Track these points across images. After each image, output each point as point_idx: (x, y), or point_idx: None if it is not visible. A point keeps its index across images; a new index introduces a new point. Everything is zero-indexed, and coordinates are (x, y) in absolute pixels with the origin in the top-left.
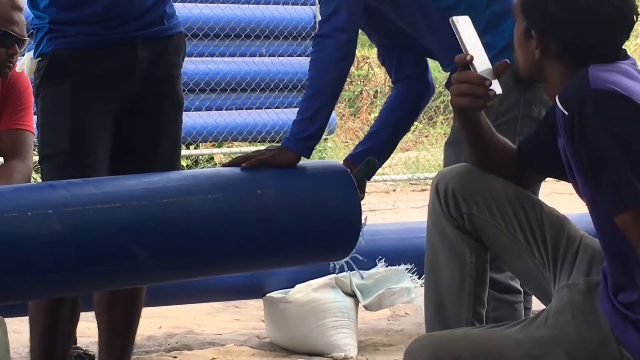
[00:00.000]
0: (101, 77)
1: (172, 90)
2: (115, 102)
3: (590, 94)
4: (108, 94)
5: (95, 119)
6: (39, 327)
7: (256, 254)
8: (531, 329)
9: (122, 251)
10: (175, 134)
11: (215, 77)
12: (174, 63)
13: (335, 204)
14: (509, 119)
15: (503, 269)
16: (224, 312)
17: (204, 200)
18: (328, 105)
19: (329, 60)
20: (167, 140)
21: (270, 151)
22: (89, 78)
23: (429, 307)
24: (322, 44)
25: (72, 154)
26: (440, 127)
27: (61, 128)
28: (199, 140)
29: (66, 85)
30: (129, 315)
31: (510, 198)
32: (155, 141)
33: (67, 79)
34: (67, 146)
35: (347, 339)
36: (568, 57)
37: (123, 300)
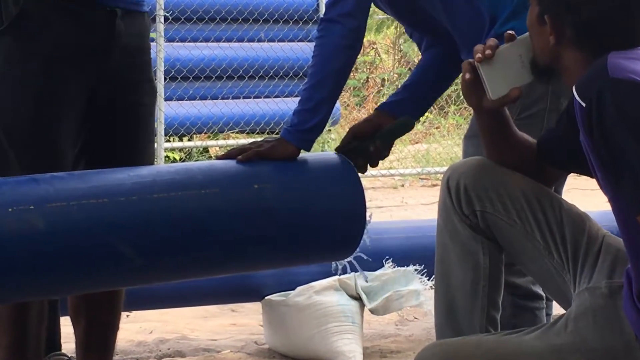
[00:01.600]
0: (73, 56)
1: (147, 76)
2: (86, 86)
3: (609, 84)
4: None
5: (65, 103)
6: (7, 337)
7: (254, 253)
8: (550, 336)
9: (110, 250)
10: (151, 122)
11: (210, 64)
12: (146, 47)
13: (337, 200)
14: (534, 112)
15: (524, 272)
16: (219, 316)
17: (197, 195)
18: (331, 97)
19: (334, 47)
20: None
21: (269, 143)
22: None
23: (439, 312)
24: (327, 29)
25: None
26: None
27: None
28: (192, 132)
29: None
30: (107, 320)
31: (527, 194)
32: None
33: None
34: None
35: (351, 345)
36: (584, 43)
37: (100, 305)
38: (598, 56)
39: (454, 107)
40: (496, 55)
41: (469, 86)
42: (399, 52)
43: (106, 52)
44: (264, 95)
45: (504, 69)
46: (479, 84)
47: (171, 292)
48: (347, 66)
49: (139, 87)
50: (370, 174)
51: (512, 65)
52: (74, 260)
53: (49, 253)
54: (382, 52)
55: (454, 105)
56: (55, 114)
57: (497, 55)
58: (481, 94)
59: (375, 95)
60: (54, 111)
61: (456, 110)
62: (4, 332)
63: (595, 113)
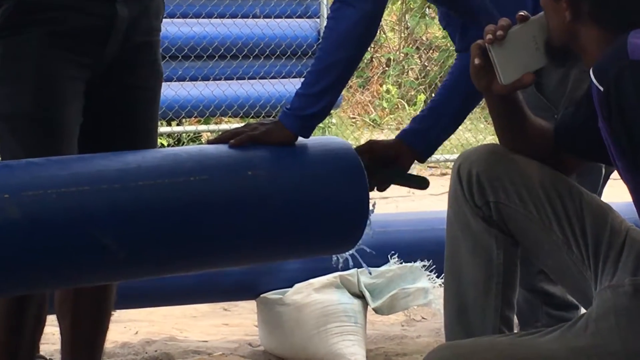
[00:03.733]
0: (74, 35)
1: (153, 58)
2: (89, 68)
3: (628, 66)
4: (81, 57)
5: (66, 82)
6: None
7: (247, 246)
8: (568, 338)
9: (91, 242)
10: (155, 109)
11: (201, 42)
12: (154, 27)
13: (338, 188)
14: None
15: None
16: (210, 315)
17: (186, 183)
18: (340, 82)
19: (347, 33)
20: (145, 117)
21: (264, 126)
22: (60, 32)
23: (449, 311)
24: (341, 11)
25: (35, 119)
26: None
27: (23, 84)
28: (182, 115)
29: (33, 36)
30: (96, 318)
31: (545, 184)
32: (132, 118)
33: (35, 30)
34: (28, 107)
35: (353, 347)
36: (602, 18)
37: (89, 301)
38: (618, 33)
39: None
40: (508, 37)
41: (478, 70)
42: (405, 30)
43: (105, 34)
44: (259, 76)
45: (516, 52)
46: (489, 67)
47: (158, 288)
48: (360, 54)
49: (142, 70)
50: None
51: (526, 48)
52: (52, 253)
53: (25, 245)
54: (387, 29)
55: None
56: (54, 95)
57: (509, 36)
58: (491, 78)
59: (380, 77)
60: (53, 92)
61: None
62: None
63: (614, 98)
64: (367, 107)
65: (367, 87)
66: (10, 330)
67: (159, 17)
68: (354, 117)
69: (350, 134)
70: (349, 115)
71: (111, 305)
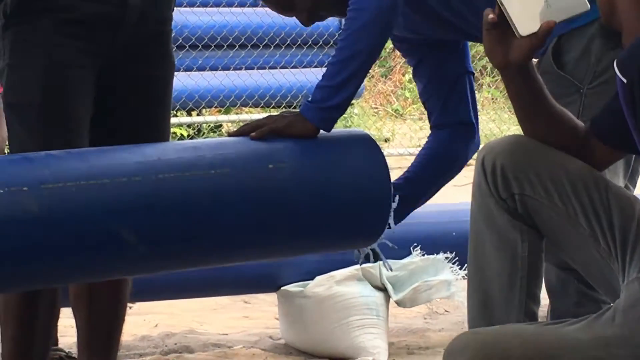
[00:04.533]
0: (85, 23)
1: (165, 48)
2: (99, 58)
3: None
4: (91, 46)
5: (76, 71)
6: (11, 328)
7: (268, 239)
8: (596, 328)
9: (110, 236)
10: (167, 101)
11: (221, 31)
12: (166, 17)
13: (360, 181)
14: (610, 77)
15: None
16: (230, 308)
17: (206, 176)
18: (361, 73)
19: (367, 23)
20: (157, 108)
21: (285, 118)
22: (71, 21)
23: (472, 305)
24: (362, 2)
25: (45, 109)
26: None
27: (33, 73)
28: (202, 106)
29: (43, 25)
30: (112, 311)
31: (571, 175)
32: (143, 108)
33: (45, 18)
34: (38, 97)
35: (375, 341)
36: None
37: (105, 294)
38: None
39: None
40: None
41: (492, 38)
42: None
43: (117, 22)
44: (280, 66)
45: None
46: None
47: (178, 282)
48: (382, 43)
49: (154, 59)
50: (397, 152)
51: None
52: (71, 247)
53: (43, 239)
54: None
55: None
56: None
57: None
58: (507, 47)
59: (402, 66)
60: (63, 82)
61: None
62: (10, 323)
63: (638, 90)
64: (390, 97)
65: (390, 77)
66: (23, 324)
67: (170, 6)
68: (376, 107)
69: (372, 124)
70: (371, 105)
71: (127, 298)
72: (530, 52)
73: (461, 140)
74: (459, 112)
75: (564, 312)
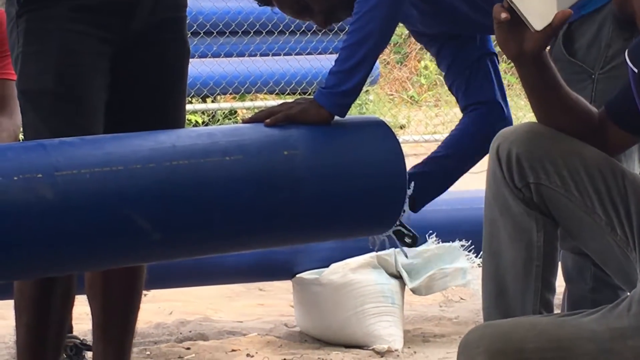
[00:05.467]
0: (99, 10)
1: (179, 35)
2: (113, 44)
3: None
4: (105, 32)
5: (90, 58)
6: (26, 315)
7: (283, 226)
8: (611, 319)
9: (125, 223)
10: (182, 88)
11: (236, 18)
12: (180, 3)
13: (375, 168)
14: (621, 62)
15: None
16: (245, 295)
17: (220, 163)
18: (373, 55)
19: (380, 5)
20: (171, 95)
21: (300, 105)
22: (85, 7)
23: (487, 294)
24: None
25: (59, 96)
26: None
27: (46, 60)
28: (217, 92)
29: (56, 11)
30: (127, 299)
31: (587, 164)
32: (158, 96)
33: (58, 4)
34: (51, 84)
35: (391, 329)
36: None
37: (120, 281)
38: None
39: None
40: None
41: (504, 30)
42: None
43: (131, 9)
44: (295, 52)
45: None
46: (516, 25)
47: (193, 269)
48: (391, 25)
49: (169, 46)
50: (412, 139)
51: None
52: (85, 234)
53: (58, 226)
54: None
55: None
56: (78, 71)
57: None
58: (521, 38)
59: (418, 52)
60: (77, 69)
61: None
62: (25, 310)
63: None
64: (405, 83)
65: (405, 64)
66: (38, 311)
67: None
68: (391, 94)
69: (387, 110)
70: (387, 92)
71: (142, 285)
72: (545, 42)
73: (489, 119)
74: (484, 92)
75: (580, 298)
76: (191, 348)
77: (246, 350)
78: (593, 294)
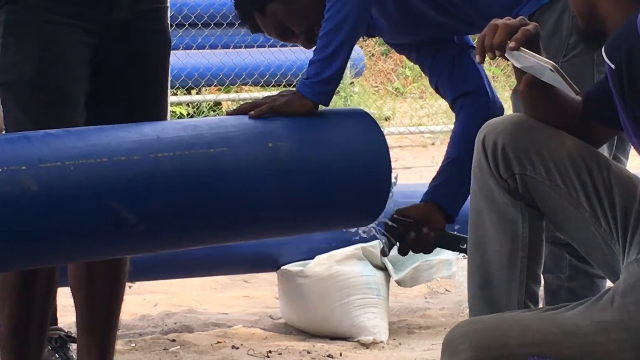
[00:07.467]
0: (78, 0)
1: (160, 26)
2: (95, 35)
3: (639, 43)
4: (86, 23)
5: (70, 48)
6: (9, 306)
7: (268, 218)
8: (594, 312)
9: (109, 215)
10: (164, 78)
11: (220, 9)
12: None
13: (359, 159)
14: (583, 49)
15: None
16: (230, 287)
17: (205, 154)
18: (350, 40)
19: None
20: (153, 86)
21: (284, 97)
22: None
23: (473, 285)
24: None
25: (39, 87)
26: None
27: (26, 52)
28: (201, 84)
29: (37, 2)
30: (111, 291)
31: (572, 155)
32: (139, 86)
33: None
34: (31, 75)
35: (376, 320)
36: None
37: (103, 273)
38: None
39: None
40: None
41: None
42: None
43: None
44: (279, 44)
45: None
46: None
47: (178, 261)
48: (365, 9)
49: (151, 37)
50: (397, 131)
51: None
52: (70, 226)
53: (42, 218)
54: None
55: None
56: (58, 62)
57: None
58: None
59: None
60: (57, 59)
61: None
62: (7, 300)
63: (626, 75)
64: (390, 75)
65: (390, 55)
66: (21, 302)
67: None
68: (376, 86)
69: (372, 102)
70: (372, 84)
71: (125, 276)
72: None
73: (478, 109)
74: (468, 82)
75: (557, 287)
76: (176, 340)
77: (231, 342)
78: (570, 282)
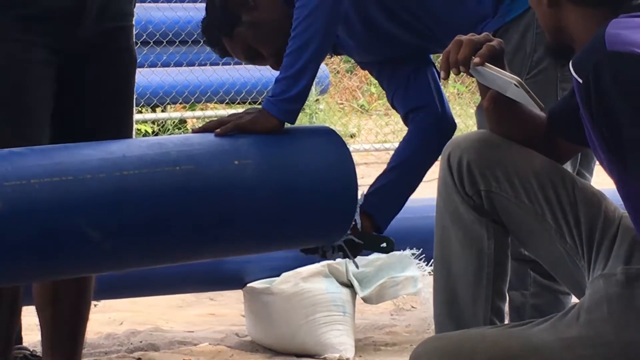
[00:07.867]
0: (44, 18)
1: (126, 44)
2: (60, 53)
3: (606, 58)
4: (52, 41)
5: (35, 67)
6: None
7: (234, 235)
8: (560, 328)
9: (75, 233)
10: (129, 96)
11: (185, 27)
12: (126, 12)
13: (325, 177)
14: (547, 65)
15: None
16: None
17: (171, 172)
18: (316, 59)
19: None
20: (118, 104)
21: (250, 114)
22: (30, 16)
23: (439, 302)
24: None
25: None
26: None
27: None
28: (167, 102)
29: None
30: (77, 309)
31: (538, 172)
32: (105, 105)
33: (4, 14)
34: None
35: (342, 337)
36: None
37: (69, 291)
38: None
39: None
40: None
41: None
42: None
43: (76, 16)
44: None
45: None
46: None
47: (143, 279)
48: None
49: (115, 56)
50: (363, 148)
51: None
52: (35, 245)
53: (6, 237)
54: None
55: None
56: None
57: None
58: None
59: None
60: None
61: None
62: None
63: (594, 90)
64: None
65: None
66: None
67: (131, 1)
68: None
69: (338, 119)
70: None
71: (91, 295)
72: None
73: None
74: (421, 97)
75: (522, 304)
76: (142, 358)
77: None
78: (534, 299)
